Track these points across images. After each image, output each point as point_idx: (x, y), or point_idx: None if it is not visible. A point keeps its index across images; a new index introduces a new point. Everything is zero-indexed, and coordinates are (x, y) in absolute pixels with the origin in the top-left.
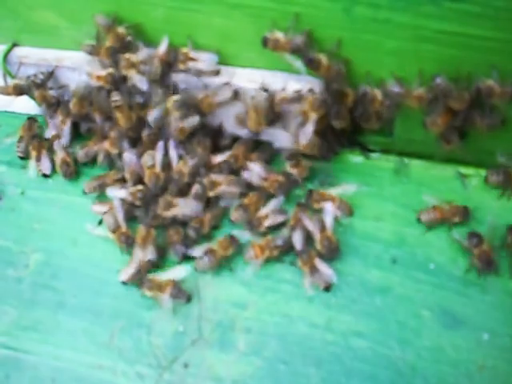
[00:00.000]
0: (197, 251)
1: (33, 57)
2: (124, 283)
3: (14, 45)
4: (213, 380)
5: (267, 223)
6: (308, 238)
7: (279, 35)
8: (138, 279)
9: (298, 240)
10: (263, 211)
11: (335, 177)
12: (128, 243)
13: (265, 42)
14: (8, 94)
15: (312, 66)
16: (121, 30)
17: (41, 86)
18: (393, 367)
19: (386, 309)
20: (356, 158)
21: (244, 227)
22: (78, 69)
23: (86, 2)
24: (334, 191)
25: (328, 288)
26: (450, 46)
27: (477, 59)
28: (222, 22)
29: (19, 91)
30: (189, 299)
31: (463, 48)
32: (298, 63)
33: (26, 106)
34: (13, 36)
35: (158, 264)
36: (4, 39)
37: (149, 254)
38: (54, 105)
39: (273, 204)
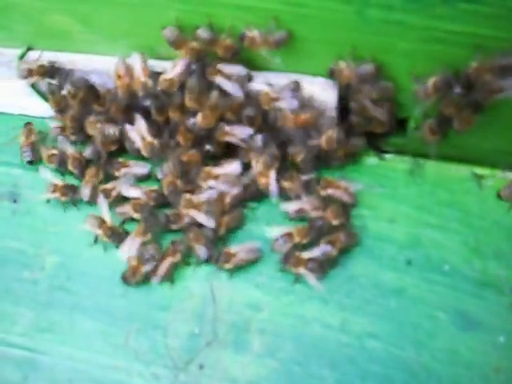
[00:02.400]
0: (273, 232)
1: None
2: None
3: (29, 49)
4: (228, 381)
5: None
6: None
7: (255, 33)
8: None
9: None
10: None
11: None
12: (115, 238)
13: (241, 39)
14: (30, 75)
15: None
16: (228, 41)
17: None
18: (407, 369)
19: (401, 310)
20: (370, 159)
21: None
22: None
23: (99, 5)
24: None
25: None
26: (463, 47)
27: None
28: (235, 26)
29: (43, 73)
30: None
31: (477, 49)
32: (277, 59)
33: (41, 109)
34: (27, 40)
35: None
36: (19, 43)
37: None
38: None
39: None
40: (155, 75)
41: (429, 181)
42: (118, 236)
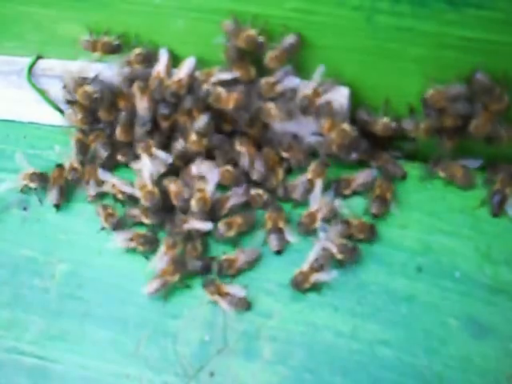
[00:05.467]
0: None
1: (57, 69)
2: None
3: (39, 57)
4: None
5: None
6: None
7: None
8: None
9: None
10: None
11: None
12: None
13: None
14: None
15: None
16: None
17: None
18: (419, 376)
19: (412, 317)
20: None
21: None
22: None
23: (110, 14)
24: None
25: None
26: (473, 52)
27: (501, 65)
28: None
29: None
30: None
31: (487, 55)
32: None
33: (51, 117)
34: (37, 49)
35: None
36: (29, 52)
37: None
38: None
39: None
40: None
41: (440, 186)
42: (151, 242)
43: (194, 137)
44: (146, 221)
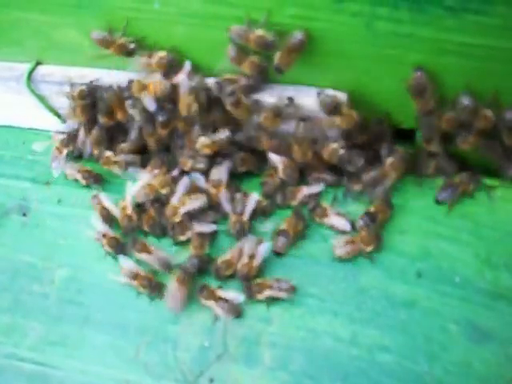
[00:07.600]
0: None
1: (56, 75)
2: None
3: (38, 63)
4: None
5: None
6: None
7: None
8: None
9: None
10: None
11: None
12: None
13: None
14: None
15: None
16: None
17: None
18: (419, 382)
19: (412, 323)
20: None
21: None
22: None
23: (109, 20)
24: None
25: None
26: (472, 58)
27: (500, 71)
28: None
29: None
30: None
31: (486, 60)
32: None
33: (50, 123)
34: (36, 55)
35: None
36: (28, 58)
37: None
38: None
39: None
40: None
41: None
42: (154, 286)
43: None
44: (146, 228)
